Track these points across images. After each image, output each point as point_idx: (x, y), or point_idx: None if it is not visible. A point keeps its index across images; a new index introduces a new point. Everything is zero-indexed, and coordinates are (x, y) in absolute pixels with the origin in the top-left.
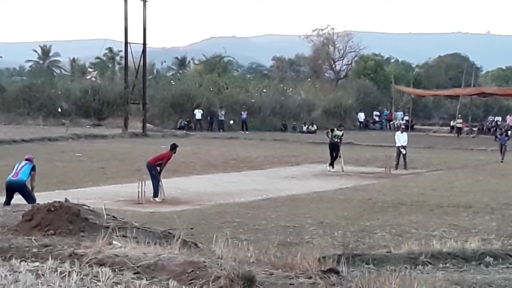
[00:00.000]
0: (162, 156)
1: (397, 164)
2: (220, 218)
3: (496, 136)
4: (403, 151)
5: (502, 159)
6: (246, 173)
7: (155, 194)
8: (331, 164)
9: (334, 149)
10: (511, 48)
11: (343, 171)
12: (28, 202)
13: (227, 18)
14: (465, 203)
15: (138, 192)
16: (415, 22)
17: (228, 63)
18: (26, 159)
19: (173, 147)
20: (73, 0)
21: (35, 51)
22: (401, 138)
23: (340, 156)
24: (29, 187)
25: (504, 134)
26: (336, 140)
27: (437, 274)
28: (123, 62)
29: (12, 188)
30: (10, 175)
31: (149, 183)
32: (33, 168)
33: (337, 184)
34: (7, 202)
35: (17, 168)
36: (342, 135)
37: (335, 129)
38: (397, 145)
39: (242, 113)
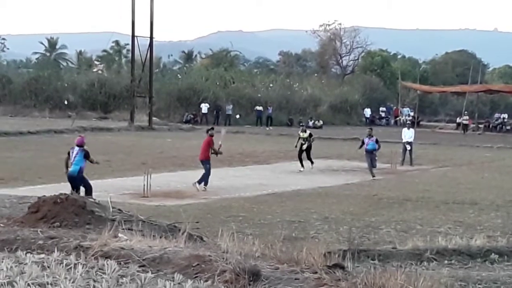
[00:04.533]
0: (204, 145)
1: (403, 160)
2: (225, 212)
3: (362, 142)
4: (408, 147)
5: (373, 175)
6: (251, 167)
7: (205, 183)
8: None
9: (302, 153)
10: None
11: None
12: (85, 190)
13: (234, 12)
14: (471, 200)
15: (144, 185)
16: (422, 18)
17: (235, 57)
18: (77, 145)
19: (208, 130)
20: None
21: (42, 43)
22: (406, 134)
23: (310, 158)
24: (83, 175)
25: (375, 139)
26: (305, 142)
27: (443, 271)
28: (129, 55)
29: (70, 180)
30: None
31: (155, 177)
32: (85, 156)
33: (342, 179)
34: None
35: (72, 158)
36: (311, 135)
37: (299, 132)
38: (403, 141)
39: (268, 108)
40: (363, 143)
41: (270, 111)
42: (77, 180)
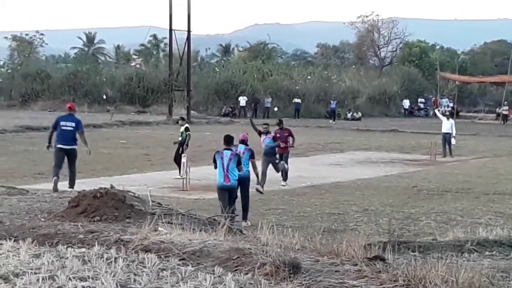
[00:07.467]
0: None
1: (444, 151)
2: (264, 205)
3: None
4: (448, 138)
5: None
6: (290, 160)
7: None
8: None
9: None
10: None
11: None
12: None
13: (271, 5)
14: (511, 191)
15: (183, 179)
16: (460, 8)
17: (272, 50)
18: (241, 141)
19: (278, 123)
20: None
21: (80, 38)
22: (445, 125)
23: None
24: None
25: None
26: (180, 139)
27: (483, 262)
28: (167, 49)
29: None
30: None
31: (194, 170)
32: (251, 155)
33: (382, 171)
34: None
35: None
36: (187, 129)
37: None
38: (442, 131)
39: (331, 102)
40: (259, 134)
41: (334, 105)
42: (245, 187)
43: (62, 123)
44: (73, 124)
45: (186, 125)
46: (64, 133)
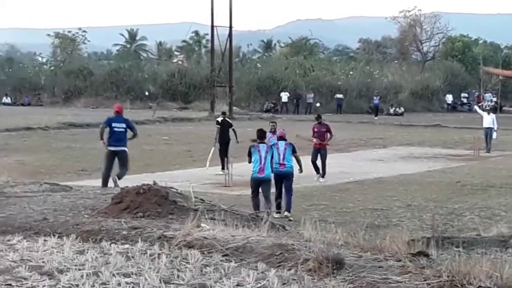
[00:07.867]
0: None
1: (487, 146)
2: (307, 201)
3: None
4: (489, 133)
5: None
6: (332, 155)
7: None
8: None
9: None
10: None
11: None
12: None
13: (312, 0)
14: None
15: (225, 175)
16: (503, 2)
17: (314, 45)
18: (280, 137)
19: (316, 118)
20: None
21: (122, 35)
22: (486, 120)
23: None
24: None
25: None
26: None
27: None
28: (209, 45)
29: (281, 178)
30: (275, 161)
31: (236, 166)
32: (293, 150)
33: (425, 166)
34: (278, 194)
35: (280, 155)
36: (216, 123)
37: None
38: (483, 126)
39: (374, 98)
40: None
41: (376, 100)
42: (289, 182)
43: (113, 124)
44: (124, 125)
45: (217, 119)
46: (116, 135)
